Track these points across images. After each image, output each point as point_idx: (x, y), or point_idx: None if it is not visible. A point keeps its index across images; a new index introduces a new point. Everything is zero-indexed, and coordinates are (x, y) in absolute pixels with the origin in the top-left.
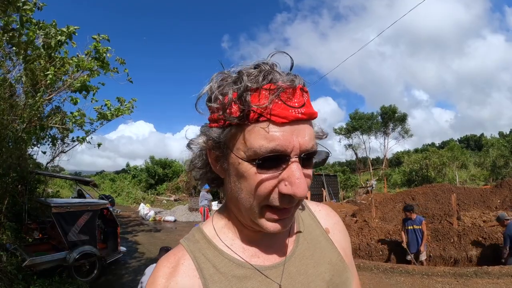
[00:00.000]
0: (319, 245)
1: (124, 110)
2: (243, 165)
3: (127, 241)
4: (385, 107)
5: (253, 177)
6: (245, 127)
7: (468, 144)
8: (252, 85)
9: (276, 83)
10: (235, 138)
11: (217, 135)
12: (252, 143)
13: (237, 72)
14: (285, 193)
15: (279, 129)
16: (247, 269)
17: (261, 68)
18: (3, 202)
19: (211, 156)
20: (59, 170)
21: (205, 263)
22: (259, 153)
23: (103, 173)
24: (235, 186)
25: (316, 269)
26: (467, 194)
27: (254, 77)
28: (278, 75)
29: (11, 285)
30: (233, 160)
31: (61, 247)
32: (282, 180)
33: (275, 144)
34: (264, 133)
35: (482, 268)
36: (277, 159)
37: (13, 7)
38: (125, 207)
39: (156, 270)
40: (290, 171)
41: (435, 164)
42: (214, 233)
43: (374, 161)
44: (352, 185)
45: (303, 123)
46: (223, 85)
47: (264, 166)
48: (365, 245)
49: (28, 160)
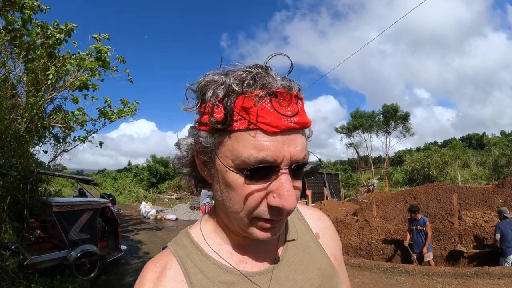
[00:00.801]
0: (309, 250)
1: (127, 112)
2: (230, 174)
3: (128, 239)
4: (387, 106)
5: (241, 188)
6: (234, 134)
7: (470, 143)
8: (238, 88)
9: (268, 88)
10: (222, 145)
11: (205, 140)
12: (240, 152)
13: (225, 73)
14: (274, 206)
15: (270, 138)
16: (234, 275)
17: (252, 71)
18: (4, 201)
19: (199, 160)
20: (61, 169)
21: (192, 268)
22: (248, 163)
23: (105, 172)
24: (222, 194)
25: (305, 275)
26: (469, 194)
27: (242, 79)
28: (271, 78)
29: (12, 283)
30: (220, 167)
31: (62, 246)
32: (270, 192)
33: (265, 154)
34: (253, 141)
35: (483, 269)
36: (266, 170)
37: (16, 7)
38: (126, 205)
39: (143, 275)
40: (279, 183)
41: (437, 163)
42: (201, 238)
43: (375, 159)
44: (354, 184)
45: (295, 133)
46: (208, 85)
47: (252, 177)
48: (366, 244)
49: (29, 159)
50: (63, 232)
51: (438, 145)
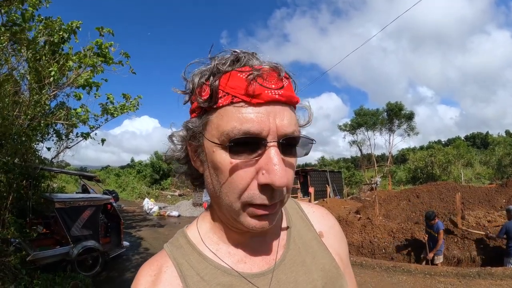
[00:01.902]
0: (311, 250)
1: (129, 107)
2: (217, 153)
3: (130, 236)
4: (391, 104)
5: (228, 167)
6: (219, 110)
7: (474, 142)
8: (222, 68)
9: (253, 67)
10: (209, 125)
11: (193, 124)
12: (224, 126)
13: (211, 58)
14: (263, 183)
15: (253, 109)
16: (233, 277)
17: (238, 52)
18: (7, 198)
19: (191, 149)
20: (64, 165)
21: (188, 270)
22: (231, 136)
23: (108, 168)
24: (213, 179)
25: (307, 277)
26: (472, 193)
27: (226, 59)
28: (255, 60)
29: (15, 279)
30: (208, 149)
31: (64, 242)
32: (259, 169)
33: (249, 126)
34: (237, 114)
35: (486, 269)
36: (252, 144)
37: (16, 3)
38: (129, 202)
39: (138, 278)
40: (267, 158)
41: (440, 161)
42: (198, 238)
43: (379, 157)
44: (357, 182)
45: (281, 105)
46: (194, 73)
47: (237, 151)
48: (368, 242)
49: (32, 156)
50: (65, 228)
51: (442, 143)
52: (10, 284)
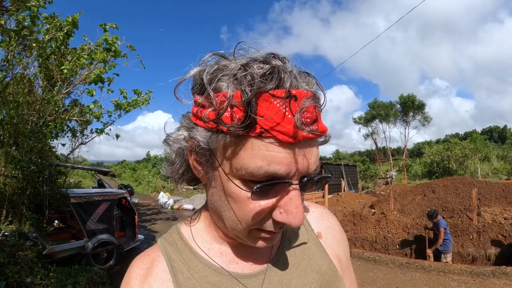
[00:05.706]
0: (308, 251)
1: (141, 102)
2: (232, 184)
3: (145, 229)
4: (403, 97)
5: (245, 202)
6: (242, 139)
7: (491, 135)
8: (264, 87)
9: (286, 87)
10: (226, 150)
11: (204, 139)
12: (248, 163)
13: (243, 64)
14: (280, 222)
15: (284, 149)
16: (223, 276)
17: (272, 64)
18: (24, 194)
19: (191, 158)
20: (81, 161)
21: (179, 266)
22: (256, 175)
23: (124, 163)
24: (221, 201)
25: (301, 279)
26: (489, 189)
27: (266, 77)
28: (288, 75)
29: (31, 272)
30: (220, 174)
31: (80, 236)
32: (278, 207)
33: (277, 168)
34: (264, 152)
35: (500, 268)
36: (275, 184)
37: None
38: (145, 195)
39: (130, 271)
40: (288, 199)
41: (457, 156)
42: (190, 235)
43: (394, 151)
44: (372, 176)
45: (311, 143)
46: (218, 76)
47: (258, 192)
48: (382, 238)
49: (48, 152)
50: (81, 223)
51: (458, 137)
52: (26, 277)
